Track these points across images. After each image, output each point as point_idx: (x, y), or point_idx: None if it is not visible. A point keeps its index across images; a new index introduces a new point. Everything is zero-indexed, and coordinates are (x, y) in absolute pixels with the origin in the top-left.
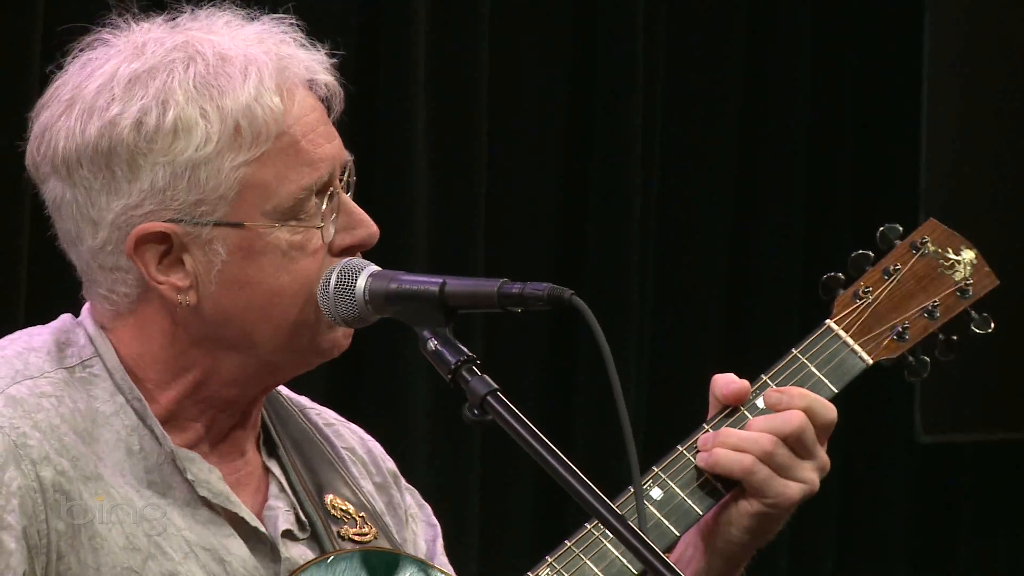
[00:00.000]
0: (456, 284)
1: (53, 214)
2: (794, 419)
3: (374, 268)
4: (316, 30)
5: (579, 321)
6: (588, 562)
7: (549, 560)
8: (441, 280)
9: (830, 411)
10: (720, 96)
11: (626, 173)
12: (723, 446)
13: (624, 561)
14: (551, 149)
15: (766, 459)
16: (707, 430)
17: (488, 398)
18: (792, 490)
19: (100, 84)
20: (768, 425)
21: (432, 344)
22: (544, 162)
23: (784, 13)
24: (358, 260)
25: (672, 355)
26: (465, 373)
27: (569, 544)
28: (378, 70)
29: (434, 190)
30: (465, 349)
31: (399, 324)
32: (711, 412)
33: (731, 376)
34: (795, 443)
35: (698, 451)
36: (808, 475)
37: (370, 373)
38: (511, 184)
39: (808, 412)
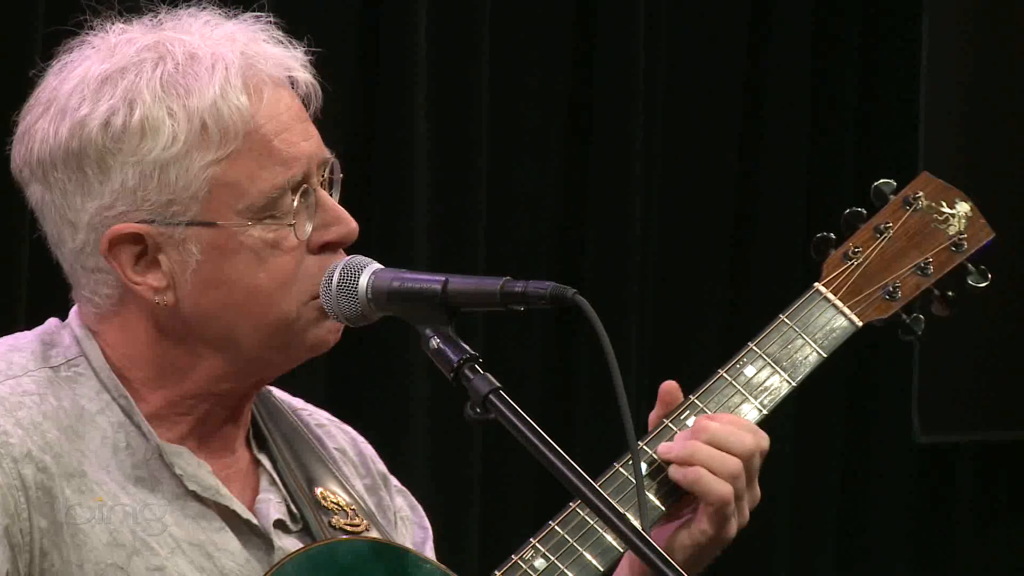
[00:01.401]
0: (459, 282)
1: (38, 217)
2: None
3: (377, 266)
4: (315, 33)
5: (582, 319)
6: (574, 543)
7: (533, 542)
8: (444, 278)
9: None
10: (721, 82)
11: (627, 172)
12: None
13: (610, 540)
14: (552, 146)
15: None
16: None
17: (490, 396)
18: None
19: (73, 85)
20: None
21: (434, 342)
22: (545, 160)
23: (784, 11)
24: (361, 258)
25: (674, 354)
26: (467, 371)
27: (553, 524)
28: (379, 70)
29: (435, 189)
30: (468, 347)
31: (401, 322)
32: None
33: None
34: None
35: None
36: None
37: (371, 371)
38: (512, 183)
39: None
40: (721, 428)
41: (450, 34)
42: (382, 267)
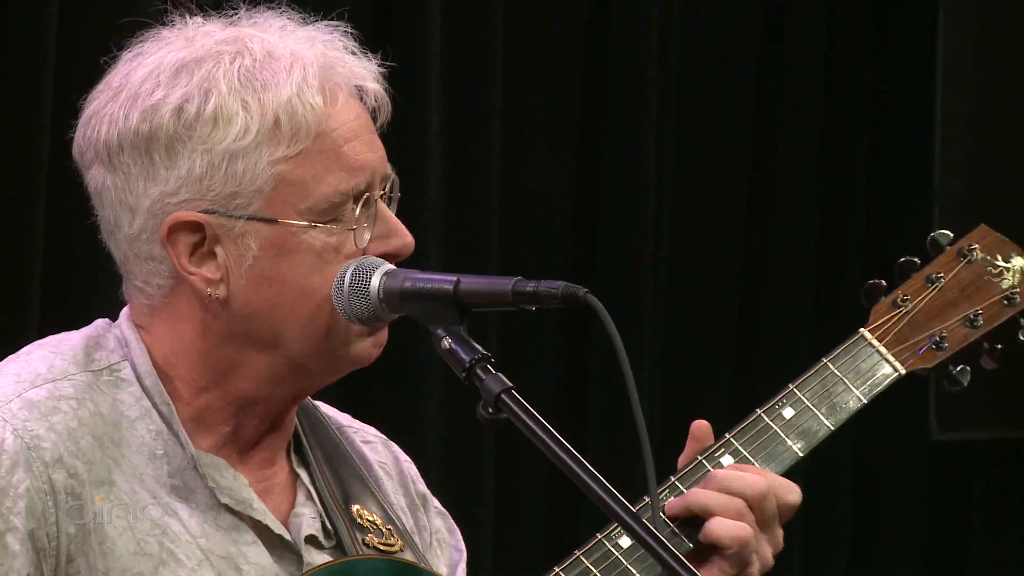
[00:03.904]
0: (470, 282)
1: (95, 202)
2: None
3: (388, 267)
4: None
5: (593, 319)
6: (598, 573)
7: (557, 570)
8: (455, 278)
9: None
10: (733, 98)
11: (640, 173)
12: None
13: (635, 572)
14: (565, 148)
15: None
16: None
17: (502, 396)
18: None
19: (147, 72)
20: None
21: (446, 342)
22: (558, 161)
23: (797, 12)
24: (372, 259)
25: (686, 353)
26: (479, 371)
27: (578, 554)
28: (391, 66)
29: (448, 189)
30: (479, 347)
31: (413, 322)
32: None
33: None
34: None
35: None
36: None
37: (384, 371)
38: (525, 183)
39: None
40: (728, 473)
41: (463, 30)
42: (394, 267)
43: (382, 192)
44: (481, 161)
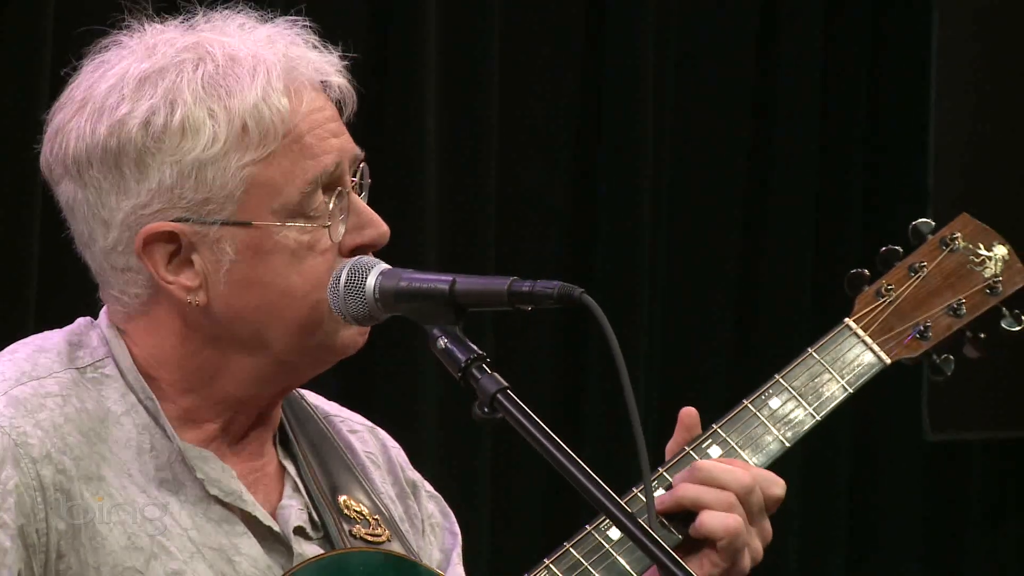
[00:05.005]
0: (466, 282)
1: (67, 216)
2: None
3: (384, 266)
4: (326, 31)
5: (589, 319)
6: (588, 566)
7: (547, 563)
8: (451, 278)
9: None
10: (731, 93)
11: (636, 171)
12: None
13: (624, 563)
14: (562, 147)
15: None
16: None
17: (498, 396)
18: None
19: (111, 84)
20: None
21: (442, 342)
22: (555, 161)
23: (794, 10)
24: (368, 258)
25: (682, 353)
26: (475, 371)
27: (568, 546)
28: (388, 69)
29: (445, 188)
30: (475, 347)
31: (409, 322)
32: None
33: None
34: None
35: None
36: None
37: (380, 371)
38: (521, 183)
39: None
40: (715, 466)
41: (460, 33)
42: (389, 267)
43: (353, 180)
44: (478, 162)
